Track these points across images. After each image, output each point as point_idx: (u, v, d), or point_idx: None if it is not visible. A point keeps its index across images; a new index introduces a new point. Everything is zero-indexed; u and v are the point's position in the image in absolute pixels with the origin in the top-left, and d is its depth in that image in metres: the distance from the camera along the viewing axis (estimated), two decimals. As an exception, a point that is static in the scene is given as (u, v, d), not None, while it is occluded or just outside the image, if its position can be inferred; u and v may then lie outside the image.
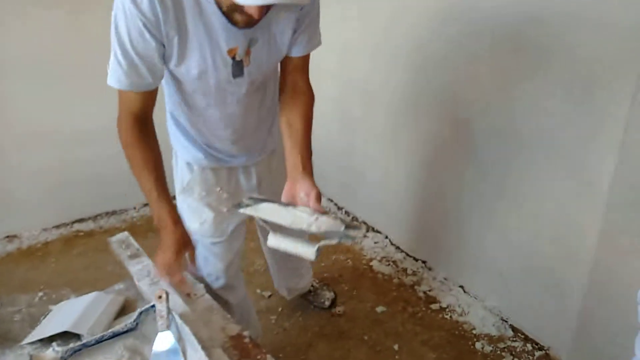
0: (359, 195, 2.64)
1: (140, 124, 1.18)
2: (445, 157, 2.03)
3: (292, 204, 1.10)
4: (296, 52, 1.23)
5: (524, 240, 1.80)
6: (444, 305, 2.08)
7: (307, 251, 1.03)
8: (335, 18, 2.30)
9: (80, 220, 2.73)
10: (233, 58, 1.13)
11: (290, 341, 1.90)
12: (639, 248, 1.47)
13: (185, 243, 1.26)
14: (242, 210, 1.09)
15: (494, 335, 1.91)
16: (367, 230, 2.60)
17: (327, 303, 2.07)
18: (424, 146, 2.13)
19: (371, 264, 2.35)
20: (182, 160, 1.40)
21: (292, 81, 1.26)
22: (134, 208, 2.84)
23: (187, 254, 1.31)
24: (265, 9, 1.00)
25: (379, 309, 2.06)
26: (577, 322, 1.68)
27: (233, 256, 1.55)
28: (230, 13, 1.04)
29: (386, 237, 2.53)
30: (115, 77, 1.10)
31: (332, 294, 2.11)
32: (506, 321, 1.96)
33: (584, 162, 1.52)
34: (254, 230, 2.63)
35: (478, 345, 1.87)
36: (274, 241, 1.08)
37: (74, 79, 2.46)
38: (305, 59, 1.26)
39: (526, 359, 1.81)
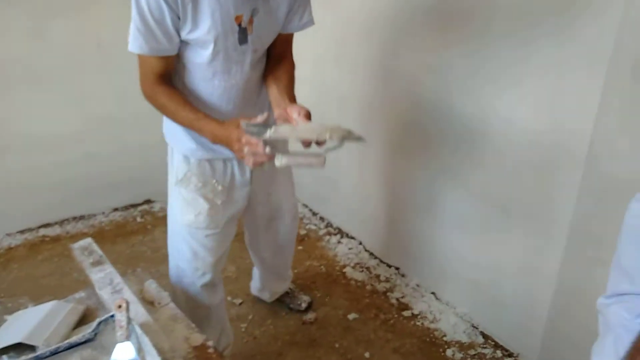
0: (333, 201, 2.63)
1: (163, 80, 1.27)
2: (416, 164, 2.03)
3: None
4: (289, 29, 1.37)
5: (493, 248, 1.81)
6: (416, 312, 2.07)
7: (318, 160, 1.13)
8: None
9: (47, 225, 2.65)
10: (239, 25, 1.23)
11: (260, 350, 1.87)
12: (603, 258, 1.49)
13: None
14: (268, 135, 1.11)
15: (465, 342, 1.91)
16: (342, 236, 2.59)
17: (304, 305, 2.06)
18: (394, 153, 2.13)
19: (344, 270, 2.34)
20: (179, 153, 1.42)
21: (279, 52, 1.41)
22: (102, 213, 2.77)
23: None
24: None
25: (351, 316, 2.04)
26: (544, 329, 1.70)
27: (223, 251, 1.58)
28: None
29: (360, 243, 2.53)
30: (136, 43, 1.19)
31: (308, 297, 2.11)
32: (477, 328, 1.97)
33: (554, 167, 1.54)
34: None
35: (449, 352, 1.87)
36: (285, 160, 1.13)
37: (39, 84, 2.39)
38: (292, 36, 1.42)
39: (496, 366, 1.82)
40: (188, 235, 1.47)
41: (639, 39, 1.23)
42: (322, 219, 2.74)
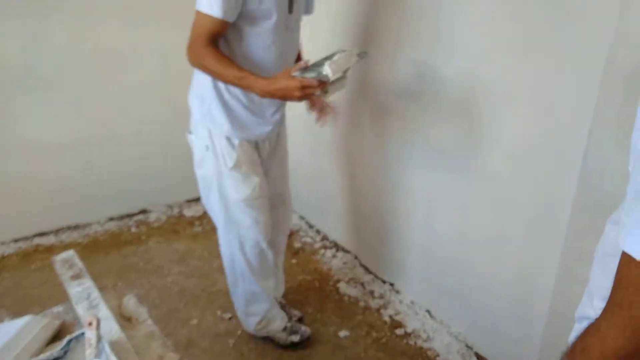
0: (331, 214, 2.59)
1: (213, 44, 1.42)
2: (413, 178, 1.99)
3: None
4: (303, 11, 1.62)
5: (488, 267, 1.76)
6: (409, 331, 2.02)
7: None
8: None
9: (42, 234, 2.64)
10: None
11: (247, 367, 1.83)
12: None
13: None
14: (330, 73, 1.33)
15: (458, 363, 1.86)
16: (337, 250, 2.55)
17: (295, 318, 2.03)
18: (392, 168, 2.09)
19: (338, 285, 2.30)
20: (220, 138, 1.58)
21: None
22: (98, 222, 2.75)
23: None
24: None
25: (342, 333, 1.99)
26: (540, 351, 1.64)
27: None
28: None
29: (355, 258, 2.48)
30: (215, 5, 1.33)
31: (299, 312, 2.09)
32: (471, 348, 1.91)
33: (547, 184, 1.50)
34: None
35: (441, 373, 1.82)
36: (332, 67, 1.34)
37: (39, 90, 2.40)
38: None
39: (489, 389, 1.76)
40: (247, 208, 1.65)
41: (631, 53, 1.20)
42: (318, 231, 2.70)
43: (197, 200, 3.01)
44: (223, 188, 1.64)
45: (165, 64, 2.62)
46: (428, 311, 2.10)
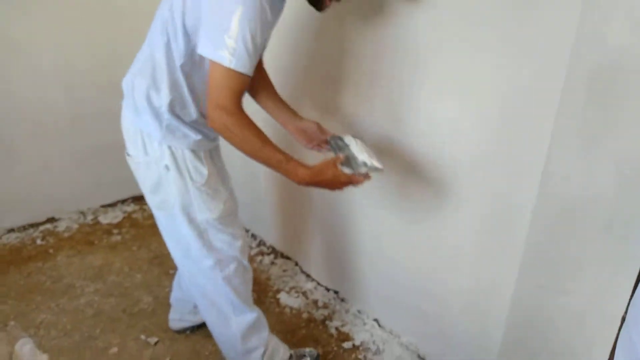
0: (267, 218, 2.38)
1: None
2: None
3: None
4: None
5: (442, 273, 1.65)
6: (357, 343, 1.88)
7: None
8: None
9: None
10: None
11: (178, 401, 1.59)
12: (557, 287, 1.37)
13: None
14: (363, 163, 1.35)
15: (411, 377, 1.74)
16: (276, 257, 2.36)
17: None
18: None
19: (278, 296, 2.11)
20: (184, 152, 1.35)
21: (263, 70, 1.54)
22: (-6, 236, 2.35)
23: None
24: None
25: None
26: (497, 358, 1.56)
27: None
28: None
29: (296, 264, 2.30)
30: (241, 62, 1.14)
31: None
32: (423, 359, 1.80)
33: (507, 189, 1.40)
34: (143, 258, 2.29)
35: (394, 389, 1.69)
36: (374, 158, 1.39)
37: None
38: None
39: (444, 403, 1.66)
40: (221, 225, 1.44)
41: (595, 53, 1.10)
42: (254, 236, 2.49)
43: (114, 205, 2.69)
44: (191, 211, 1.38)
45: (63, 55, 2.29)
46: (376, 320, 1.97)
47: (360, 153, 1.37)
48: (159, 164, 1.34)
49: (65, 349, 1.75)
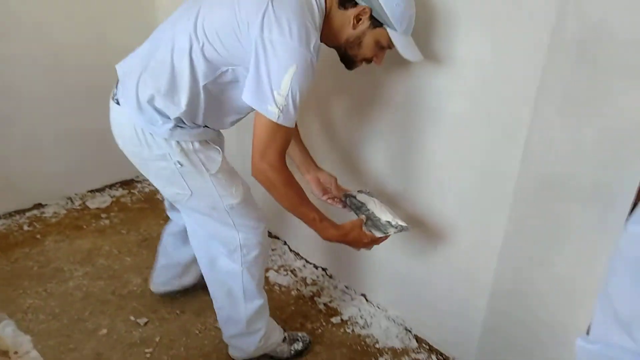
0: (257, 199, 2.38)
1: None
2: (344, 155, 1.84)
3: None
4: None
5: (426, 246, 1.67)
6: (346, 318, 1.90)
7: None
8: None
9: None
10: None
11: (168, 379, 1.61)
12: (539, 258, 1.39)
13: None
14: (385, 224, 1.45)
15: (398, 348, 1.77)
16: (264, 236, 2.36)
17: None
18: (321, 143, 1.92)
19: (267, 274, 2.12)
20: (195, 144, 1.32)
21: None
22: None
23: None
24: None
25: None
26: (480, 332, 1.58)
27: None
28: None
29: (285, 243, 2.32)
30: (288, 118, 1.17)
31: None
32: (410, 331, 1.83)
33: (490, 162, 1.40)
34: (132, 241, 2.29)
35: (381, 361, 1.72)
36: (397, 218, 1.47)
37: None
38: None
39: (431, 373, 1.69)
40: (245, 210, 1.44)
41: (579, 23, 1.10)
42: (242, 217, 2.49)
43: (102, 189, 2.68)
44: (214, 201, 1.38)
45: (48, 36, 2.24)
46: (364, 295, 1.99)
47: (382, 213, 1.46)
48: (169, 161, 1.31)
49: (53, 332, 1.76)
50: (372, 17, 1.23)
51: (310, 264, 2.19)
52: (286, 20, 1.11)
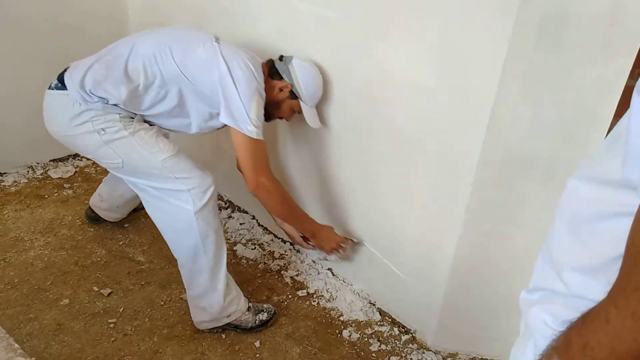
0: (222, 171, 2.36)
1: None
2: (308, 132, 1.84)
3: None
4: None
5: (390, 221, 1.69)
6: (312, 291, 1.93)
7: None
8: None
9: None
10: None
11: (132, 350, 1.60)
12: (501, 231, 1.43)
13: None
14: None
15: (362, 321, 1.81)
16: (233, 210, 2.36)
17: None
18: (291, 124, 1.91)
19: (235, 248, 2.12)
20: (114, 115, 1.50)
21: None
22: None
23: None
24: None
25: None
26: (441, 305, 1.63)
27: None
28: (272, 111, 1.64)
29: (253, 218, 2.31)
30: (261, 133, 1.48)
31: None
32: (374, 305, 1.87)
33: (454, 134, 1.43)
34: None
35: (345, 333, 1.75)
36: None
37: None
38: None
39: (393, 344, 1.73)
40: (181, 157, 1.56)
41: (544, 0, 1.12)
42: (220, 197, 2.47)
43: (66, 159, 2.60)
44: (146, 159, 1.51)
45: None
46: (330, 269, 2.02)
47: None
48: (93, 132, 1.48)
49: (12, 301, 1.72)
50: (291, 91, 1.59)
51: (279, 238, 2.19)
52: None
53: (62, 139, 1.57)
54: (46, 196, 2.32)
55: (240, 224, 2.27)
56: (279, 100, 1.61)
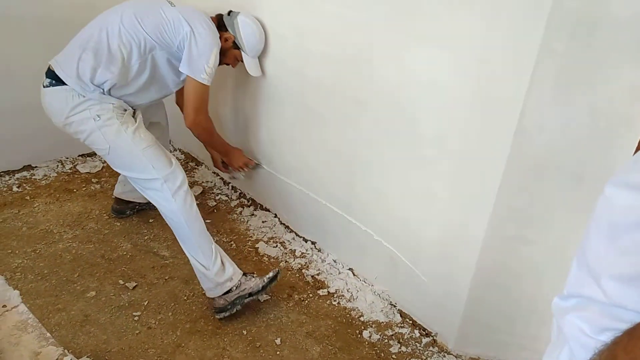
0: (248, 174, 2.38)
1: None
2: (333, 133, 1.84)
3: None
4: None
5: (413, 223, 1.68)
6: (332, 291, 1.93)
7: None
8: None
9: None
10: None
11: (155, 342, 1.63)
12: (527, 237, 1.41)
13: None
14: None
15: (382, 322, 1.81)
16: (255, 208, 2.38)
17: None
18: (311, 122, 1.92)
19: (257, 245, 2.14)
20: (104, 105, 1.68)
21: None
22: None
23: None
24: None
25: (262, 297, 1.85)
26: (463, 308, 1.62)
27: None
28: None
29: (275, 216, 2.33)
30: (210, 79, 1.74)
31: None
32: (395, 306, 1.87)
33: (481, 138, 1.41)
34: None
35: (365, 333, 1.75)
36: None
37: None
38: None
39: (413, 346, 1.73)
40: (157, 147, 1.72)
41: (576, 2, 1.10)
42: (234, 189, 2.50)
43: (93, 154, 2.66)
44: (129, 146, 1.68)
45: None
46: (351, 269, 2.02)
47: None
48: (89, 118, 1.65)
49: (42, 292, 1.77)
50: (234, 42, 1.85)
51: (300, 237, 2.20)
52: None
53: (65, 128, 1.71)
54: (75, 190, 2.38)
55: (263, 222, 2.29)
56: (225, 49, 1.85)
